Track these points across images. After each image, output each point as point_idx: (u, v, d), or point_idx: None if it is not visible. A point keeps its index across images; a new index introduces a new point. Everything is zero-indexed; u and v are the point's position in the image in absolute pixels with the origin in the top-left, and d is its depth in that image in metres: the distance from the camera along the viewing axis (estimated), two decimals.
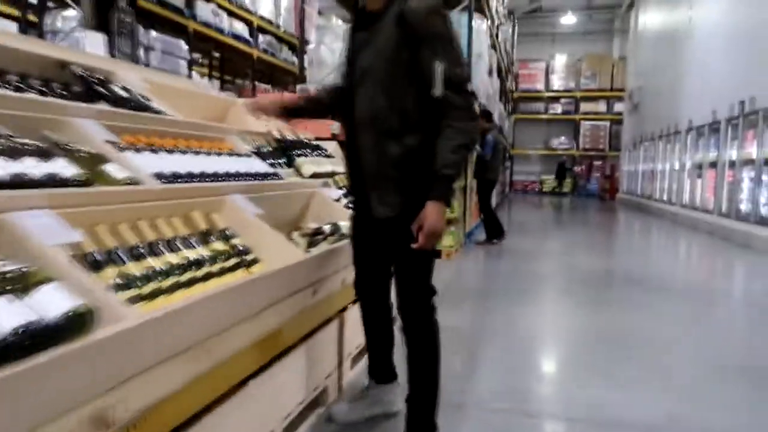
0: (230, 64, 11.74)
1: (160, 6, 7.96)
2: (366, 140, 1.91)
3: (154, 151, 1.85)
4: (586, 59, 22.64)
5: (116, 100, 1.99)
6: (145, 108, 2.08)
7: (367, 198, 1.94)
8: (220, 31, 9.15)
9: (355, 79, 1.94)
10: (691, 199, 11.94)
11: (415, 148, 1.85)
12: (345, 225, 2.55)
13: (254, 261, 1.86)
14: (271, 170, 2.41)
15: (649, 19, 17.39)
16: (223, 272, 1.72)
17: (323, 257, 2.16)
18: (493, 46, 10.41)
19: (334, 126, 7.44)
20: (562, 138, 23.12)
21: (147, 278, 1.43)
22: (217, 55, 11.04)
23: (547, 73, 23.25)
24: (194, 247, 1.68)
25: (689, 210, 11.89)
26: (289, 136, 2.93)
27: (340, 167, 3.15)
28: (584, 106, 22.77)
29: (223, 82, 11.16)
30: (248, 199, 2.05)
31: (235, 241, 1.86)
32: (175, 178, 1.79)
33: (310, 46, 8.36)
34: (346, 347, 2.60)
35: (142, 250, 1.50)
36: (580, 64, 22.74)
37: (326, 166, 2.96)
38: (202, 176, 1.90)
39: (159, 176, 1.73)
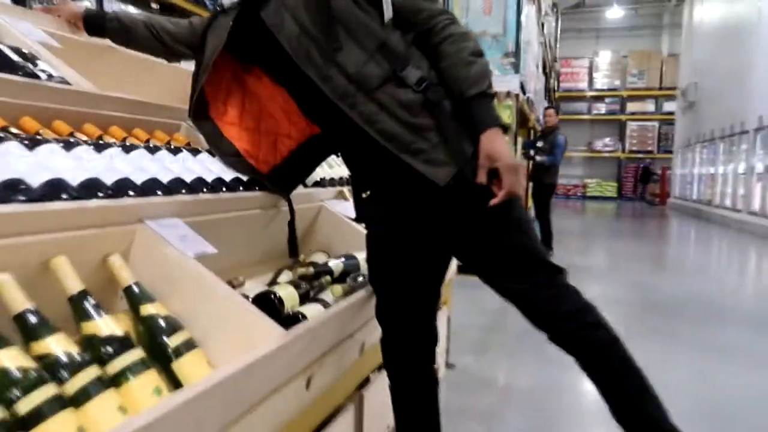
0: None
1: None
2: (362, 108, 1.27)
3: (29, 143, 1.00)
4: (633, 56, 21.31)
5: None
6: (32, 75, 1.24)
7: (398, 184, 1.33)
8: None
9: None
10: (762, 206, 10.68)
11: (426, 77, 1.29)
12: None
13: (185, 348, 0.99)
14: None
15: (706, 13, 16.19)
16: (117, 383, 0.86)
17: (325, 325, 1.27)
18: (539, 40, 9.43)
19: None
20: (607, 139, 21.82)
21: None
22: None
23: (591, 71, 22.00)
24: (44, 333, 0.82)
25: (760, 218, 10.64)
26: None
27: None
28: (631, 106, 21.43)
29: None
30: (190, 225, 1.18)
31: (148, 309, 1.00)
32: (34, 195, 0.93)
33: None
34: None
35: None
36: (625, 62, 21.42)
37: (340, 169, 2.08)
38: (99, 189, 1.04)
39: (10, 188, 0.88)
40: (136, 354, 0.91)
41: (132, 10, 7.04)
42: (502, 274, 1.32)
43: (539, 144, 6.85)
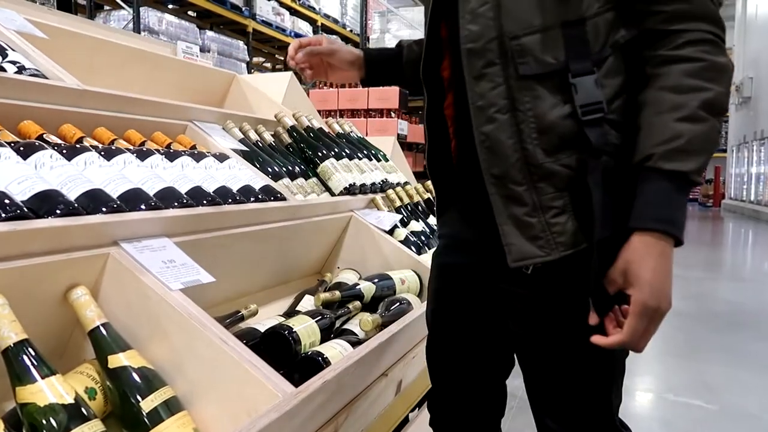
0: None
1: (216, 3, 7.33)
2: (483, 85, 0.81)
3: None
4: None
5: None
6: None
7: (485, 224, 0.87)
8: (282, 30, 8.61)
9: None
10: None
11: (603, 105, 0.79)
12: (405, 278, 1.42)
13: (165, 412, 0.75)
14: (261, 182, 1.30)
15: (761, 3, 15.41)
16: None
17: (352, 371, 1.00)
18: None
19: (403, 125, 6.34)
20: None
21: None
22: (281, 57, 10.45)
23: None
24: None
25: None
26: (312, 123, 1.81)
27: (398, 175, 2.00)
28: None
29: None
30: (185, 246, 0.94)
31: (122, 359, 0.76)
32: None
33: (373, 36, 7.32)
34: None
35: None
36: None
37: (373, 174, 1.82)
38: (56, 204, 0.81)
39: None
40: (89, 429, 0.67)
41: (169, 18, 7.02)
42: (551, 406, 0.94)
43: None
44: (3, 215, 0.71)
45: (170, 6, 7.80)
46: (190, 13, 8.15)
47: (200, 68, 1.92)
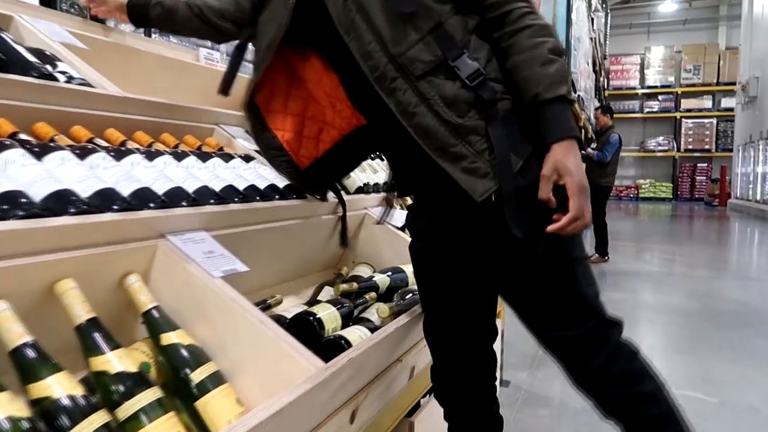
0: None
1: None
2: (400, 96, 1.06)
3: (38, 151, 0.89)
4: (687, 51, 20.38)
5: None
6: (48, 76, 1.13)
7: (438, 193, 1.13)
8: None
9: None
10: None
11: (483, 72, 1.06)
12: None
13: (211, 383, 0.85)
14: (285, 181, 1.40)
15: (767, 3, 15.34)
16: (129, 430, 0.73)
17: (371, 353, 1.11)
18: (589, 36, 9.06)
19: None
20: (660, 138, 20.94)
21: None
22: None
23: (642, 67, 21.18)
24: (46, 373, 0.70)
25: None
26: None
27: None
28: (686, 103, 20.50)
29: None
30: (219, 239, 1.05)
31: (170, 337, 0.86)
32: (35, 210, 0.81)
33: None
34: None
35: None
36: (679, 57, 20.52)
37: (385, 174, 1.92)
38: (114, 200, 0.92)
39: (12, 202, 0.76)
40: (151, 394, 0.77)
41: None
42: (545, 321, 1.11)
43: (593, 145, 6.58)
44: (72, 210, 0.82)
45: None
46: None
47: (221, 73, 2.03)
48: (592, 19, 9.67)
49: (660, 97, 21.02)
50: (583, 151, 5.91)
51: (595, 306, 1.11)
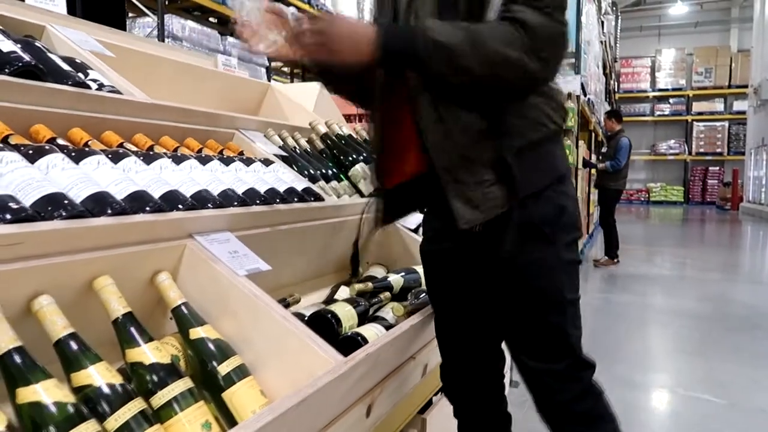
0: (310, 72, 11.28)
1: None
2: (423, 111, 1.05)
3: (75, 156, 0.95)
4: (699, 54, 20.26)
5: (30, 71, 1.11)
6: (81, 84, 1.19)
7: (446, 206, 1.07)
8: None
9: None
10: None
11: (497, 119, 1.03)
12: None
13: (236, 376, 0.91)
14: (302, 184, 1.46)
15: None
16: (163, 417, 0.79)
17: (387, 349, 1.16)
18: (599, 39, 9.07)
19: None
20: (671, 141, 20.82)
21: None
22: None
23: (653, 70, 21.09)
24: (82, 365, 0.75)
25: None
26: (342, 131, 1.96)
27: None
28: (697, 106, 20.38)
29: None
30: (242, 239, 1.10)
31: (198, 332, 0.92)
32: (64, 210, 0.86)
33: None
34: None
35: None
36: (690, 60, 20.41)
37: None
38: (146, 202, 0.97)
39: (53, 204, 0.82)
40: (183, 384, 0.82)
41: (192, 24, 7.22)
42: (527, 349, 1.14)
43: (603, 150, 6.60)
44: (110, 211, 0.87)
45: (193, 13, 8.00)
46: (211, 19, 8.35)
47: (239, 79, 2.09)
48: (602, 23, 9.67)
49: (671, 100, 20.92)
50: (594, 167, 5.97)
51: (576, 346, 1.13)
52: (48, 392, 0.69)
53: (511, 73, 0.97)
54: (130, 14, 7.47)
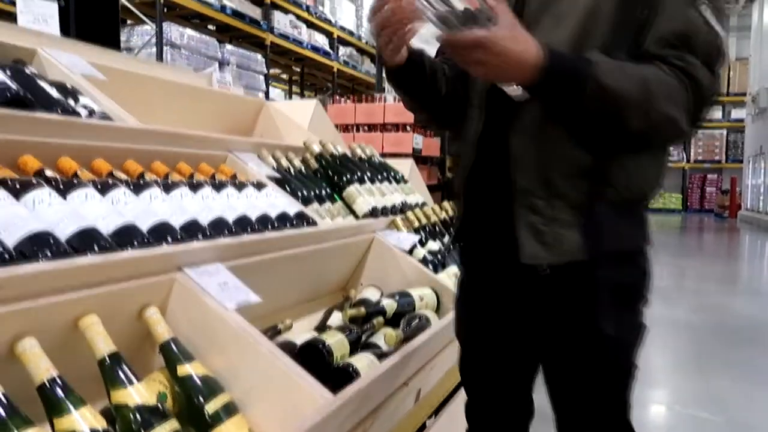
0: (310, 78, 11.32)
1: (235, 18, 7.55)
2: (523, 124, 0.94)
3: (62, 189, 0.94)
4: None
5: (18, 100, 1.10)
6: (71, 112, 1.18)
7: (506, 232, 0.97)
8: (299, 43, 8.85)
9: None
10: None
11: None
12: (423, 296, 1.55)
13: (224, 414, 0.89)
14: (295, 208, 1.45)
15: None
16: None
17: (379, 381, 1.14)
18: None
19: (418, 139, 6.47)
20: (669, 149, 20.87)
21: None
22: (297, 69, 10.68)
23: None
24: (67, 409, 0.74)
25: None
26: (337, 150, 1.96)
27: (416, 197, 2.14)
28: None
29: (303, 98, 10.88)
30: (233, 269, 1.09)
31: (185, 368, 0.90)
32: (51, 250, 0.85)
33: None
34: None
35: None
36: None
37: (393, 196, 1.96)
38: (134, 236, 0.96)
39: (30, 244, 0.81)
40: (169, 426, 0.81)
41: (190, 32, 7.22)
42: (580, 415, 1.05)
43: None
44: (97, 249, 0.86)
45: (192, 21, 8.02)
46: (209, 27, 8.39)
47: (233, 97, 2.09)
48: None
49: None
50: None
51: (629, 418, 1.05)
52: None
53: (663, 131, 0.89)
54: (129, 22, 7.49)
